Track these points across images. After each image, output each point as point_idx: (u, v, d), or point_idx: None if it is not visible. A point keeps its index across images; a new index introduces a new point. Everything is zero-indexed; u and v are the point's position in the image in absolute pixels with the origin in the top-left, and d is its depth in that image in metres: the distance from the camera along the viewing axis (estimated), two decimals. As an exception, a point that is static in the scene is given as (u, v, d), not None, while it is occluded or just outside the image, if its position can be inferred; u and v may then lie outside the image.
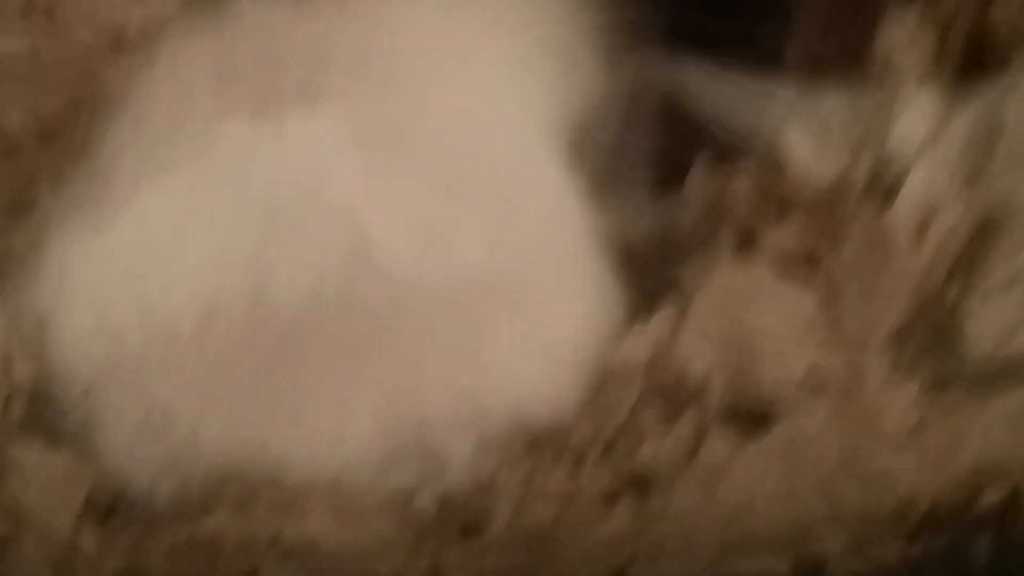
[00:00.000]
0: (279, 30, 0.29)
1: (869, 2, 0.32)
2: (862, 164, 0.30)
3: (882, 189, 0.30)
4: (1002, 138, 0.30)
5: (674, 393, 0.30)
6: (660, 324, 0.30)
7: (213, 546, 0.28)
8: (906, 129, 0.30)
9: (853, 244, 0.30)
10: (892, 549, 0.30)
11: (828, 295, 0.30)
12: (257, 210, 0.28)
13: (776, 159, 0.30)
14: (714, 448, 0.29)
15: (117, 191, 0.29)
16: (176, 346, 0.27)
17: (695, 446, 0.29)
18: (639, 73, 0.33)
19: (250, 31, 0.29)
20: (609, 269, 0.31)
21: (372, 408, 0.28)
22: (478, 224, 0.29)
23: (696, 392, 0.30)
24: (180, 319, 0.27)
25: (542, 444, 0.29)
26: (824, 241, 0.30)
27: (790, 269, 0.30)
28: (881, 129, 0.30)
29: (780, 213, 0.30)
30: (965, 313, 0.29)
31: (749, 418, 0.30)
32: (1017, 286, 0.29)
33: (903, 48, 0.30)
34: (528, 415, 0.29)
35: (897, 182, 0.30)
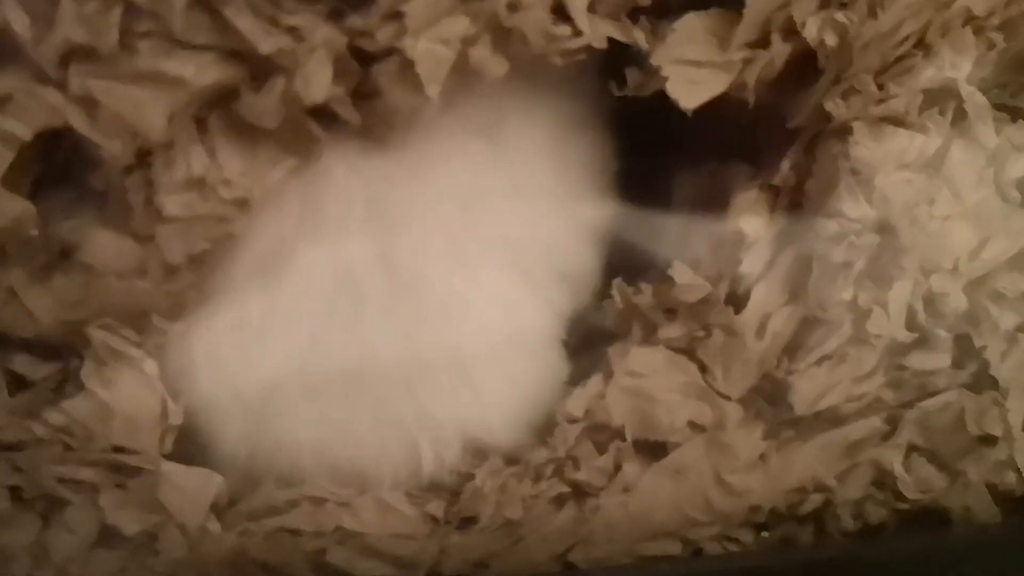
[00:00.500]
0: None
1: (723, 183, 0.35)
2: (723, 284, 0.34)
3: (736, 300, 0.33)
4: (813, 266, 0.33)
5: (602, 433, 0.34)
6: (593, 386, 0.34)
7: (295, 532, 0.33)
8: (751, 260, 0.33)
9: (718, 335, 0.34)
10: (746, 536, 0.36)
11: (703, 368, 0.34)
12: (323, 304, 0.32)
13: (668, 278, 0.33)
14: (628, 470, 0.34)
15: (235, 290, 0.32)
16: (278, 394, 0.32)
17: (616, 468, 0.34)
18: (587, 214, 0.36)
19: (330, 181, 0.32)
20: (560, 350, 0.35)
21: (403, 438, 0.33)
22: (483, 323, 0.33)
23: (616, 432, 0.34)
24: (280, 375, 0.32)
25: (515, 463, 0.34)
26: (700, 333, 0.34)
27: (678, 351, 0.34)
28: (735, 260, 0.33)
29: (670, 315, 0.34)
30: (792, 381, 0.34)
31: (651, 450, 0.34)
32: (824, 364, 0.33)
33: (748, 206, 0.33)
34: (503, 443, 0.34)
35: (746, 296, 0.33)
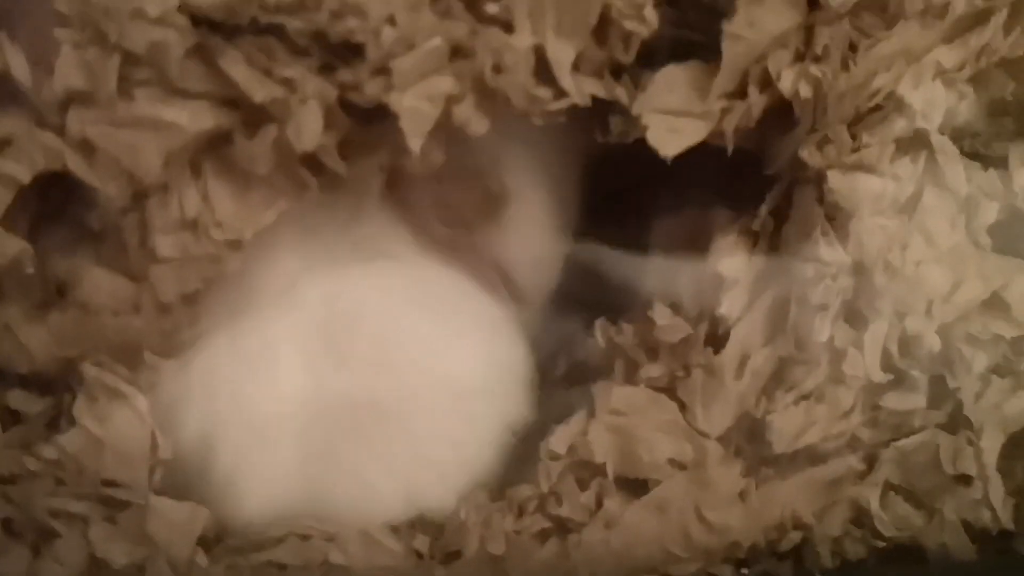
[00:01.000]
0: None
1: (704, 227, 0.36)
2: (703, 324, 0.35)
3: (716, 340, 0.35)
4: (791, 308, 0.33)
5: (585, 468, 0.35)
6: (577, 423, 0.35)
7: (282, 566, 0.33)
8: (730, 302, 0.35)
9: (698, 375, 0.35)
10: (726, 572, 0.35)
11: (683, 407, 0.35)
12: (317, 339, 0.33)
13: (650, 318, 0.35)
14: (611, 505, 0.35)
15: (227, 325, 0.33)
16: (266, 430, 0.33)
17: (599, 503, 0.35)
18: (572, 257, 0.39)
19: None
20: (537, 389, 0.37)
21: (389, 474, 0.34)
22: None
23: (599, 468, 0.35)
24: (271, 411, 0.33)
25: (498, 499, 0.35)
26: (680, 373, 0.35)
27: (659, 390, 0.35)
28: (715, 301, 0.35)
29: (652, 354, 0.35)
30: (770, 420, 0.34)
31: (633, 486, 0.35)
32: (802, 403, 0.34)
33: (728, 249, 0.35)
34: (485, 478, 0.35)
35: (725, 336, 0.34)
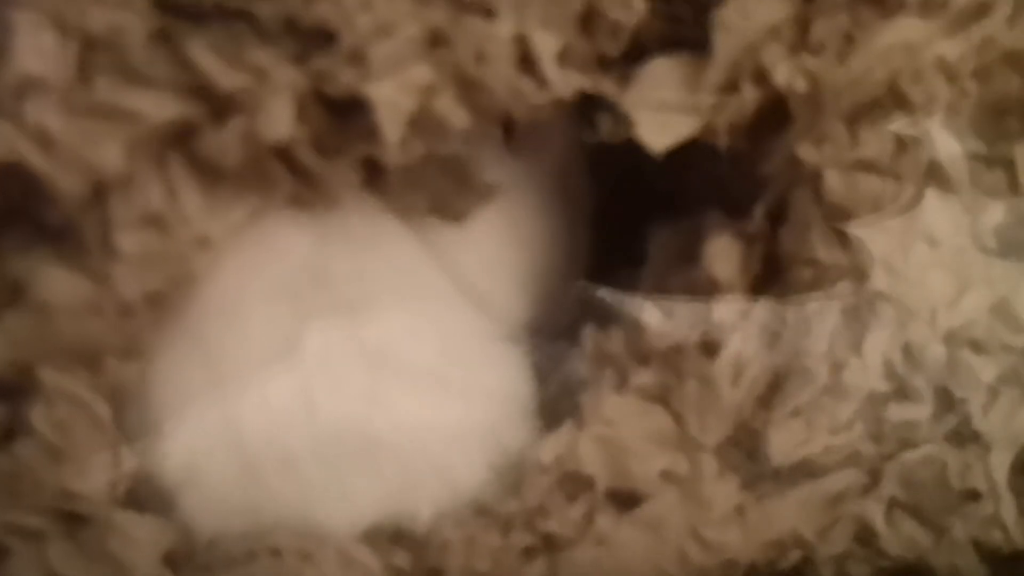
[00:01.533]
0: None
1: (697, 230, 0.35)
2: (696, 331, 0.34)
3: (710, 348, 0.34)
4: (788, 314, 0.33)
5: (574, 482, 0.34)
6: (565, 434, 0.34)
7: None
8: (725, 308, 0.34)
9: (693, 385, 0.34)
10: None
11: (676, 418, 0.34)
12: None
13: (640, 324, 0.34)
14: (601, 521, 0.34)
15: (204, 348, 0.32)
16: (240, 454, 0.33)
17: (588, 519, 0.34)
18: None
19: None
20: (532, 397, 0.36)
21: (368, 490, 0.34)
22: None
23: (589, 482, 0.34)
24: (247, 438, 0.32)
25: (483, 514, 0.34)
26: (674, 383, 0.34)
27: (651, 400, 0.34)
28: (709, 307, 0.34)
29: (643, 362, 0.34)
30: (768, 431, 0.34)
31: (624, 500, 0.34)
32: (798, 416, 0.34)
33: (722, 253, 0.34)
34: (471, 492, 0.34)
35: (720, 347, 0.34)
